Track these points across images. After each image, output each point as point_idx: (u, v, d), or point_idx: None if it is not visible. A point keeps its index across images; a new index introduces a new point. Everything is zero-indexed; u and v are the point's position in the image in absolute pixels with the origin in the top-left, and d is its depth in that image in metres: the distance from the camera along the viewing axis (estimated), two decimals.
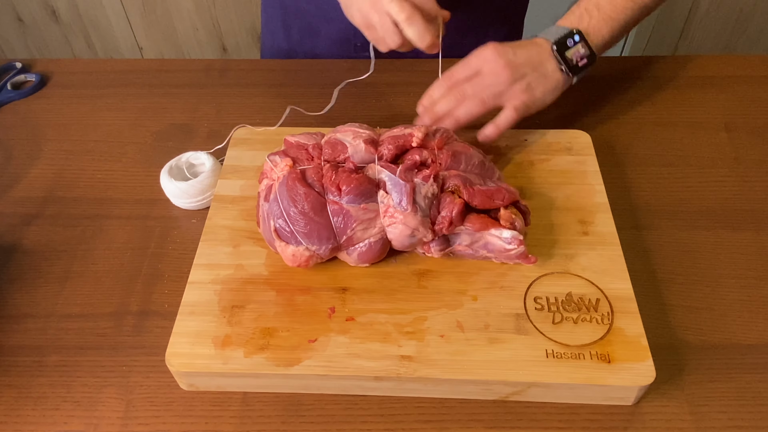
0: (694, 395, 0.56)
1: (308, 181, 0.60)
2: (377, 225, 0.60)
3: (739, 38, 1.96)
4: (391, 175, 0.59)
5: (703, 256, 0.67)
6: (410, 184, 0.59)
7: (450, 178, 0.61)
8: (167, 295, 0.65)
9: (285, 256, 0.61)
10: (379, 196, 0.59)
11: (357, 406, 0.57)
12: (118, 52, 2.15)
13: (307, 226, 0.59)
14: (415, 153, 0.62)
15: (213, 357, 0.56)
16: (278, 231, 0.60)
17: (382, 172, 0.60)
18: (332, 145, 0.63)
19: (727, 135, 0.81)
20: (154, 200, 0.75)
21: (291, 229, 0.59)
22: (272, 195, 0.61)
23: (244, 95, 0.89)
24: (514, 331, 0.57)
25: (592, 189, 0.69)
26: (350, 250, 0.61)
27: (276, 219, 0.60)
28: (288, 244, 0.60)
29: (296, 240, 0.60)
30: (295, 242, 0.60)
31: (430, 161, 0.62)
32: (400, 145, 0.63)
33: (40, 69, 0.94)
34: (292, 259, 0.60)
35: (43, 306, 0.65)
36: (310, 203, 0.59)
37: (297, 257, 0.60)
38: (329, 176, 0.60)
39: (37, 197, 0.76)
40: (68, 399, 0.58)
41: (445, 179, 0.61)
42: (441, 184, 0.60)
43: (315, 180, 0.60)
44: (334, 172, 0.60)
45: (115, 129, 0.85)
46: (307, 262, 0.60)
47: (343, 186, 0.58)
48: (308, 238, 0.59)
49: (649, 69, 0.91)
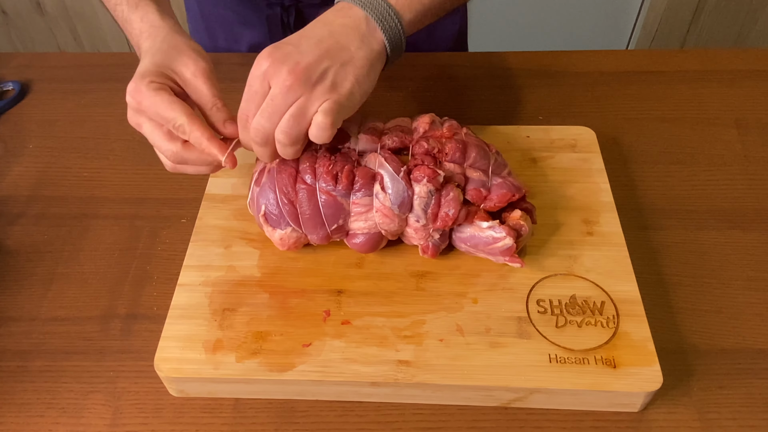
0: (702, 401, 0.56)
1: (300, 167, 0.59)
2: (369, 218, 0.60)
3: (749, 31, 1.96)
4: (393, 174, 0.58)
5: (712, 257, 0.67)
6: (411, 190, 0.58)
7: (455, 174, 0.60)
8: (156, 298, 0.65)
9: (274, 241, 0.62)
10: (375, 191, 0.59)
11: (353, 412, 0.57)
12: (106, 46, 2.14)
13: (294, 214, 0.60)
14: (422, 142, 0.61)
15: (203, 362, 0.56)
16: (266, 216, 0.61)
17: (383, 165, 0.59)
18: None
19: (737, 132, 0.81)
20: (143, 199, 0.74)
21: (279, 213, 0.60)
22: (263, 179, 0.61)
23: (235, 89, 0.88)
24: (516, 335, 0.57)
25: (597, 187, 0.69)
26: (347, 238, 0.62)
27: (265, 204, 0.61)
28: (275, 228, 0.61)
29: (285, 223, 0.61)
30: (284, 225, 0.61)
31: (436, 151, 0.60)
32: (405, 134, 0.62)
33: (24, 63, 0.94)
34: (280, 243, 0.62)
35: (27, 309, 0.65)
36: (299, 191, 0.59)
37: (285, 240, 0.61)
38: (326, 165, 0.59)
39: (21, 196, 0.76)
40: (53, 406, 0.58)
41: (448, 176, 0.60)
42: (444, 181, 0.59)
43: (307, 166, 0.59)
44: (333, 161, 0.59)
45: (102, 125, 0.84)
46: (296, 244, 0.62)
47: (341, 177, 0.58)
48: (296, 224, 0.60)
49: (656, 63, 0.91)
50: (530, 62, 0.91)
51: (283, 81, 0.53)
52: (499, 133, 0.75)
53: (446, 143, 0.61)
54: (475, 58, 0.92)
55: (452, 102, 0.85)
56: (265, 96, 0.54)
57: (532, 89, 0.86)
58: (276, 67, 0.53)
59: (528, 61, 0.91)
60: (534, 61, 0.91)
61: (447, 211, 0.59)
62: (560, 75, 0.88)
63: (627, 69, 0.90)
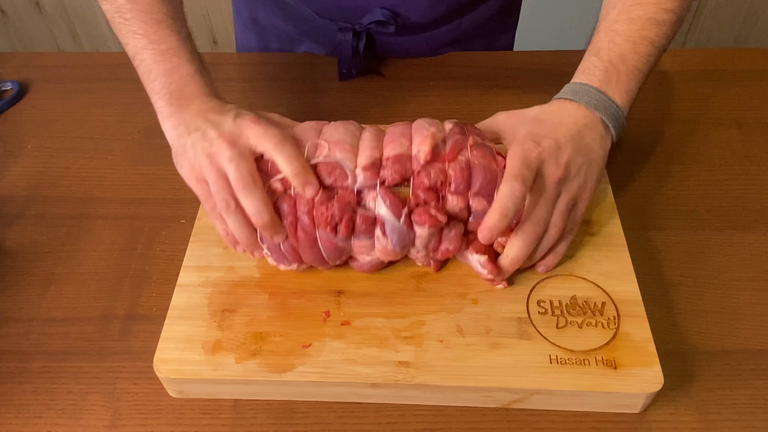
0: (703, 402, 0.56)
1: (298, 213, 0.57)
2: (372, 254, 0.60)
3: (750, 30, 1.96)
4: (394, 222, 0.56)
5: (713, 257, 0.67)
6: (412, 233, 0.57)
7: (458, 210, 0.57)
8: (155, 299, 0.65)
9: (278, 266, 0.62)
10: (376, 235, 0.57)
11: (353, 414, 0.57)
12: (105, 45, 2.14)
13: (297, 257, 0.60)
14: (423, 176, 0.56)
15: (203, 363, 0.56)
16: (270, 252, 0.60)
17: (381, 206, 0.56)
18: (330, 170, 0.57)
19: (738, 131, 0.81)
20: (142, 199, 0.74)
21: (280, 254, 0.60)
22: None
23: (235, 90, 0.89)
24: (517, 335, 0.57)
25: (597, 188, 0.69)
26: (350, 261, 0.62)
27: (266, 244, 0.59)
28: (279, 263, 0.61)
29: (289, 261, 0.61)
30: (288, 263, 0.61)
31: (439, 184, 0.56)
32: (405, 166, 0.57)
33: (23, 62, 0.94)
34: (283, 270, 0.62)
35: (25, 309, 0.65)
36: (299, 238, 0.58)
37: (288, 269, 0.62)
38: (323, 212, 0.56)
39: (19, 196, 0.76)
40: (52, 407, 0.58)
41: (452, 215, 0.57)
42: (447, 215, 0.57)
43: (306, 212, 0.56)
44: (331, 207, 0.56)
45: (101, 125, 0.84)
46: (297, 269, 0.62)
47: (341, 228, 0.56)
48: (300, 262, 0.61)
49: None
50: (533, 62, 0.91)
51: (554, 172, 0.57)
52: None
53: (450, 169, 0.57)
54: (475, 58, 0.92)
55: (452, 102, 0.85)
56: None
57: (533, 89, 0.86)
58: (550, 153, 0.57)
59: (531, 61, 0.91)
60: (537, 61, 0.91)
61: (447, 247, 0.58)
62: (563, 75, 0.87)
63: None
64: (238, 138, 0.56)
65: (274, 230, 0.56)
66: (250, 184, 0.55)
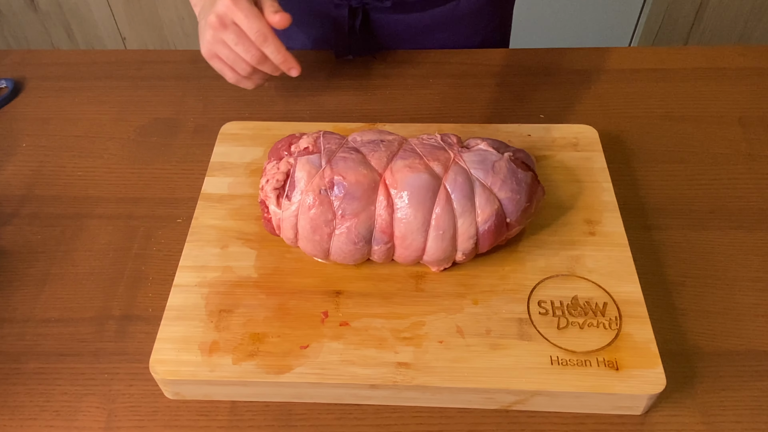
0: (706, 404, 0.56)
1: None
2: None
3: (754, 28, 1.97)
4: None
5: (716, 257, 0.67)
6: None
7: None
8: (151, 299, 0.65)
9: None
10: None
11: (351, 415, 0.57)
12: (100, 43, 2.14)
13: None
14: None
15: (199, 364, 0.56)
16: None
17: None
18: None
19: (742, 130, 0.81)
20: (138, 199, 0.74)
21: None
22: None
23: (232, 88, 0.88)
24: (517, 336, 0.57)
25: (599, 187, 0.69)
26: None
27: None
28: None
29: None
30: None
31: None
32: None
33: (17, 60, 0.94)
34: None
35: (20, 310, 0.65)
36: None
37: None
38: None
39: (13, 195, 0.76)
40: (47, 408, 0.58)
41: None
42: None
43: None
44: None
45: (96, 124, 0.84)
46: None
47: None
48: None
49: (659, 60, 0.91)
50: (532, 60, 0.91)
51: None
52: (500, 131, 0.75)
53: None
54: (475, 56, 0.92)
55: (452, 100, 0.85)
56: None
57: (534, 87, 0.86)
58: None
59: (529, 59, 0.91)
60: (535, 59, 0.91)
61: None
62: (562, 73, 0.88)
63: (629, 67, 0.90)
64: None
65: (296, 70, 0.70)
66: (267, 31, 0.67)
